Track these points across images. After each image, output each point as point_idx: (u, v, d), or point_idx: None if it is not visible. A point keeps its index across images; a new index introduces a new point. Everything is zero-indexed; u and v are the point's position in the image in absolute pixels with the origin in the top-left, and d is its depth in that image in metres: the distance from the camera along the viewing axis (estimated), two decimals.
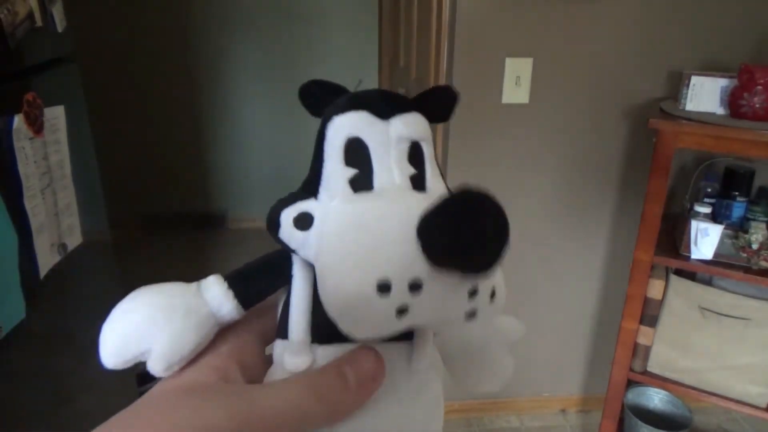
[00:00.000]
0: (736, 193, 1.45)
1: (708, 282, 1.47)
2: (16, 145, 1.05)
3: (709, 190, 1.47)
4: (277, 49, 3.07)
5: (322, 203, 0.25)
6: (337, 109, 0.26)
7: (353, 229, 0.23)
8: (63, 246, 1.24)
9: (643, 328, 1.51)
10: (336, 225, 0.24)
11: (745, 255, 1.33)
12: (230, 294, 0.26)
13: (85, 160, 1.41)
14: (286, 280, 0.27)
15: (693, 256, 1.37)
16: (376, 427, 0.25)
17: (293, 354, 0.25)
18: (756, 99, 1.26)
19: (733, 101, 1.30)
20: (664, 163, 1.33)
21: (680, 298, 1.47)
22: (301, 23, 3.04)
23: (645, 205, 1.37)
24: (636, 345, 1.53)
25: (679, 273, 1.49)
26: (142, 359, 0.25)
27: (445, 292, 0.21)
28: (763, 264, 1.32)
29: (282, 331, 0.26)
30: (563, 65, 1.53)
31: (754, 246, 1.32)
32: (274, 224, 0.25)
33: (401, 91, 2.44)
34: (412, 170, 0.26)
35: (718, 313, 1.43)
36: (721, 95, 1.35)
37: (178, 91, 3.08)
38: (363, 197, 0.24)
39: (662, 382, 1.54)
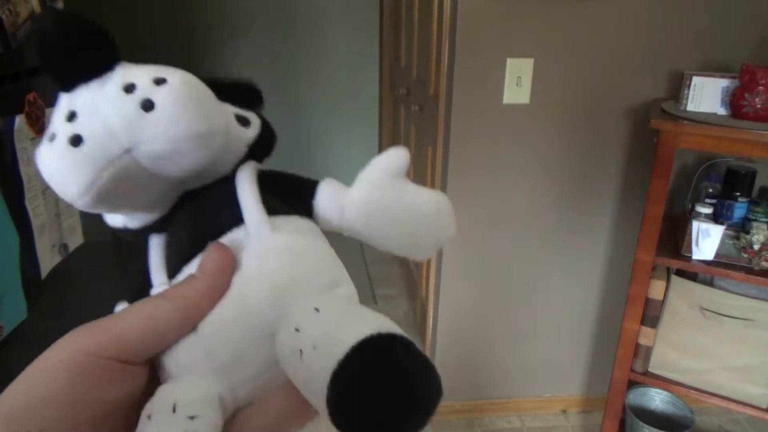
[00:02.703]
0: (738, 193, 1.44)
1: (709, 283, 1.47)
2: (18, 145, 1.06)
3: (711, 190, 1.47)
4: (278, 49, 3.07)
5: None
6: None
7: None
8: (64, 246, 1.24)
9: (645, 329, 1.50)
10: None
11: (746, 255, 1.33)
12: None
13: None
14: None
15: (694, 257, 1.37)
16: (240, 295, 0.25)
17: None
18: (757, 99, 1.26)
19: (734, 102, 1.30)
20: (665, 164, 1.33)
21: (681, 299, 1.47)
22: (303, 23, 3.04)
23: (646, 205, 1.37)
24: (637, 345, 1.53)
25: (681, 273, 1.49)
26: None
27: None
28: (765, 265, 1.32)
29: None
30: (564, 65, 1.53)
31: (756, 246, 1.32)
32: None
33: (402, 91, 2.44)
34: None
35: (719, 314, 1.43)
36: (723, 96, 1.34)
37: None
38: None
39: (663, 382, 1.54)
